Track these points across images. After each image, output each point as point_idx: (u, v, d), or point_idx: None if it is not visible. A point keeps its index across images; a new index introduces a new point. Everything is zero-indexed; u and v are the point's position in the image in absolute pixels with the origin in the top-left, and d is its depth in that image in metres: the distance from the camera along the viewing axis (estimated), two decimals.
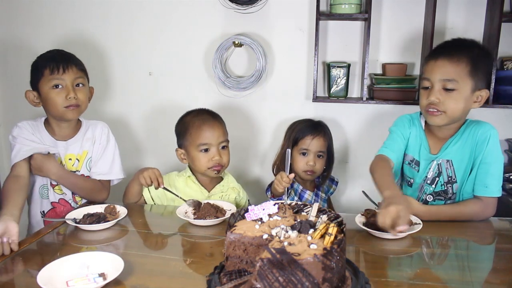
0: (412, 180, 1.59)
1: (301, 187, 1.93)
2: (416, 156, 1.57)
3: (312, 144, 1.86)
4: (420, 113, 1.57)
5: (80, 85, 1.60)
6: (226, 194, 1.71)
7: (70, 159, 1.64)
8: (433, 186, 1.53)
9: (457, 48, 1.43)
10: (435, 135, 1.54)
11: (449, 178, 1.50)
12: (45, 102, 1.57)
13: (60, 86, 1.55)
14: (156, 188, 1.56)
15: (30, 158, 1.52)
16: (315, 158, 1.87)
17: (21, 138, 1.55)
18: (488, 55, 1.49)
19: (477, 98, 1.43)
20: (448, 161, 1.49)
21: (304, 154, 1.87)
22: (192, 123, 1.68)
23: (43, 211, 1.63)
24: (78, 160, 1.65)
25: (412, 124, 1.59)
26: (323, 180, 1.98)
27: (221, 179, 1.75)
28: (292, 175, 1.56)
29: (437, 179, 1.52)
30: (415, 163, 1.57)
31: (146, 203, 1.64)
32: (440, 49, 1.49)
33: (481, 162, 1.42)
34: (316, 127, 1.91)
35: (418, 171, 1.56)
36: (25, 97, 1.60)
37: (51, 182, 1.61)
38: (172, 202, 1.63)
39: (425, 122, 1.55)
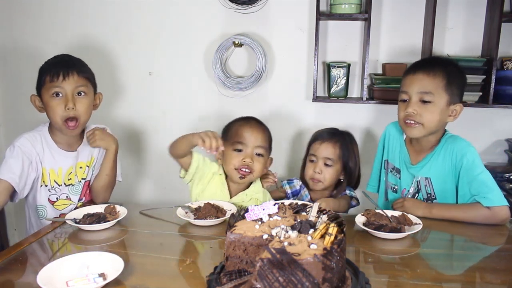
0: (396, 187, 1.65)
1: (309, 196, 1.80)
2: (397, 164, 1.64)
3: (320, 150, 1.72)
4: None
5: (82, 93, 1.55)
6: (247, 204, 1.61)
7: (81, 167, 1.64)
8: None
9: (434, 64, 1.51)
10: (414, 147, 1.60)
11: (428, 195, 1.54)
12: (46, 109, 1.54)
13: (60, 95, 1.51)
14: (211, 150, 1.39)
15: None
16: (322, 165, 1.71)
17: (20, 154, 1.50)
18: (461, 72, 1.54)
19: (452, 112, 1.49)
20: (426, 178, 1.53)
21: (312, 161, 1.74)
22: (236, 123, 1.65)
23: None
24: (88, 167, 1.65)
25: (391, 134, 1.69)
26: (336, 194, 1.77)
27: (248, 185, 1.66)
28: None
29: (416, 195, 1.56)
30: (396, 171, 1.64)
31: (186, 169, 1.59)
32: (418, 65, 1.57)
33: (467, 181, 1.42)
34: (330, 133, 1.77)
35: (400, 178, 1.62)
36: (31, 102, 1.58)
37: (49, 198, 1.58)
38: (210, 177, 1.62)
39: None
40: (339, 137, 1.76)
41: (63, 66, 1.51)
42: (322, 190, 1.76)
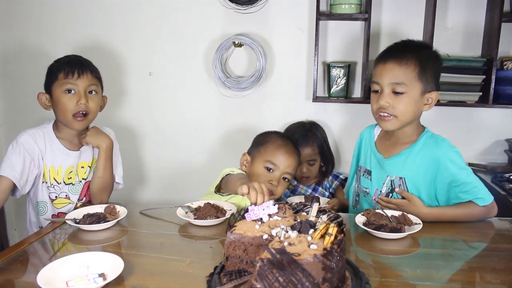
0: (367, 190, 1.57)
1: (295, 182, 2.00)
2: (368, 166, 1.58)
3: (302, 154, 1.83)
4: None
5: (93, 92, 1.57)
6: None
7: (82, 167, 1.64)
8: None
9: (405, 51, 1.42)
10: (390, 139, 1.53)
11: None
12: (56, 106, 1.54)
13: (72, 91, 1.52)
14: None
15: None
16: (307, 166, 1.94)
17: (22, 151, 1.50)
18: (436, 57, 1.46)
19: (427, 100, 1.42)
20: (401, 178, 1.46)
21: None
22: (275, 141, 1.63)
23: (41, 227, 1.61)
24: (90, 167, 1.65)
25: (363, 139, 1.65)
26: (322, 178, 2.04)
27: None
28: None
29: (390, 194, 1.49)
30: (367, 173, 1.58)
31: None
32: (388, 52, 1.47)
33: (456, 185, 1.38)
34: (305, 137, 1.95)
35: (371, 180, 1.56)
36: (37, 99, 1.57)
37: (49, 196, 1.59)
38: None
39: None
40: (314, 136, 1.97)
41: (77, 64, 1.54)
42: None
